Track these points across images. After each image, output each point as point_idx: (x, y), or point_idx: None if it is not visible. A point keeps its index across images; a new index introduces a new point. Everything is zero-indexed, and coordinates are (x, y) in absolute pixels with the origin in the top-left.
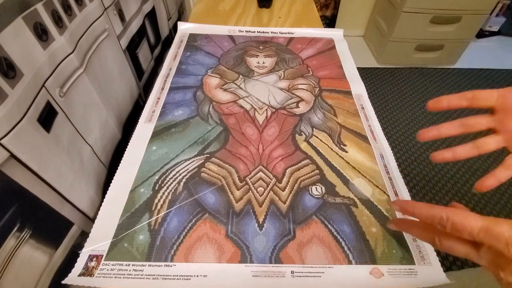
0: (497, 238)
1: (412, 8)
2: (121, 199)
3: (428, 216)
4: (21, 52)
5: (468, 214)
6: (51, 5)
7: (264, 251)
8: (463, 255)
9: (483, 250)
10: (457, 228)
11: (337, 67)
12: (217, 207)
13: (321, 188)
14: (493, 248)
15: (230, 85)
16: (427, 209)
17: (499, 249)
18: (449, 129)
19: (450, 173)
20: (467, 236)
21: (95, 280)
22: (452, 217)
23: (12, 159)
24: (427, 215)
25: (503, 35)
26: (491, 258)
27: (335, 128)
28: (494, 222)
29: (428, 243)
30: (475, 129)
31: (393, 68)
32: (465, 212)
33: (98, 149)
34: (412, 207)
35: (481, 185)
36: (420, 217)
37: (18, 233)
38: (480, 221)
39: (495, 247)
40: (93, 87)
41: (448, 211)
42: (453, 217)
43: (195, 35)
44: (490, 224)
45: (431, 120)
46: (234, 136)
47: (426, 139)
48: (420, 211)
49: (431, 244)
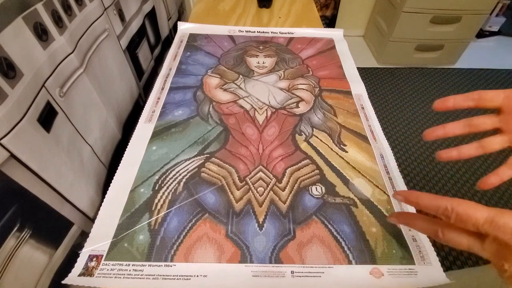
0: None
1: (412, 8)
2: (121, 199)
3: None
4: (21, 52)
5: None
6: (51, 5)
7: (264, 251)
8: (466, 247)
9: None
10: (462, 219)
11: (337, 67)
12: (217, 207)
13: (321, 188)
14: (498, 239)
15: (230, 85)
16: (431, 199)
17: (505, 240)
18: (455, 128)
19: (450, 173)
20: (471, 227)
21: (95, 280)
22: (457, 207)
23: (12, 159)
24: (431, 206)
25: (503, 35)
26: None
27: (335, 128)
28: (499, 213)
29: (430, 235)
30: (481, 129)
31: (393, 68)
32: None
33: (98, 149)
34: (416, 197)
35: (484, 183)
36: (425, 207)
37: (18, 233)
38: (485, 212)
39: (500, 238)
40: (93, 87)
41: (452, 202)
42: (457, 207)
43: (195, 35)
44: (495, 215)
45: (431, 120)
46: (234, 136)
47: (432, 139)
48: (424, 201)
49: (433, 237)
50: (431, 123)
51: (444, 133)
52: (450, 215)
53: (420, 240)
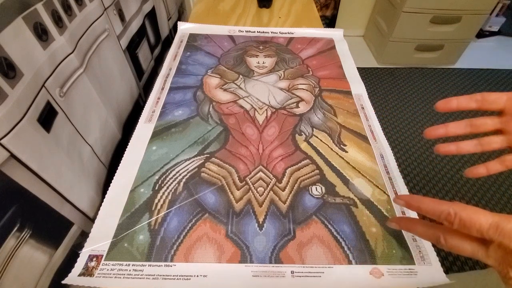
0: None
1: (412, 8)
2: (121, 199)
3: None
4: (21, 52)
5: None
6: (51, 5)
7: (264, 251)
8: (469, 253)
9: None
10: (465, 225)
11: (337, 67)
12: (217, 207)
13: (321, 188)
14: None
15: (230, 85)
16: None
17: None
18: (457, 128)
19: (450, 173)
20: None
21: (95, 280)
22: (460, 212)
23: (12, 159)
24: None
25: (503, 35)
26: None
27: (335, 128)
28: (505, 219)
29: (432, 241)
30: (482, 129)
31: (393, 68)
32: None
33: (98, 149)
34: (418, 202)
35: (471, 172)
36: (426, 212)
37: (18, 233)
38: (490, 218)
39: (505, 244)
40: (93, 87)
41: (456, 207)
42: (461, 212)
43: (195, 35)
44: (500, 221)
45: (431, 120)
46: (234, 136)
47: (433, 137)
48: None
49: (435, 243)
50: (431, 123)
51: (445, 132)
52: (453, 220)
53: (420, 240)
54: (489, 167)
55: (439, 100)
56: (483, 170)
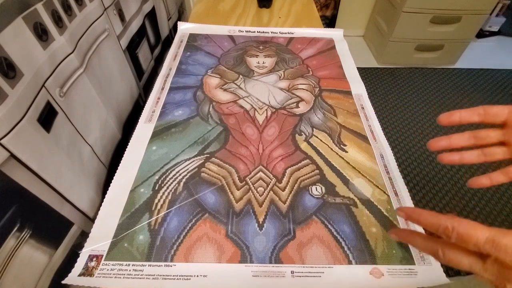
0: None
1: (412, 8)
2: (121, 199)
3: (433, 224)
4: (21, 52)
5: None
6: (51, 5)
7: (264, 251)
8: (467, 267)
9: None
10: (463, 239)
11: (337, 67)
12: (217, 207)
13: (321, 188)
14: (500, 260)
15: (230, 85)
16: (433, 217)
17: (506, 261)
18: (460, 140)
19: (450, 173)
20: (472, 247)
21: (95, 280)
22: (458, 227)
23: (12, 159)
24: (432, 224)
25: (503, 35)
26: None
27: (335, 128)
28: (501, 233)
29: (430, 254)
30: (485, 141)
31: (393, 68)
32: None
33: (98, 149)
34: (418, 215)
35: (475, 182)
36: (425, 225)
37: (18, 233)
38: (486, 232)
39: (501, 259)
40: (93, 87)
41: (453, 221)
42: (458, 227)
43: (195, 35)
44: (496, 235)
45: (431, 121)
46: (234, 136)
47: (436, 149)
48: (424, 219)
49: (434, 256)
50: (431, 123)
51: (448, 144)
52: (451, 234)
53: None
54: (492, 178)
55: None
56: (486, 181)
